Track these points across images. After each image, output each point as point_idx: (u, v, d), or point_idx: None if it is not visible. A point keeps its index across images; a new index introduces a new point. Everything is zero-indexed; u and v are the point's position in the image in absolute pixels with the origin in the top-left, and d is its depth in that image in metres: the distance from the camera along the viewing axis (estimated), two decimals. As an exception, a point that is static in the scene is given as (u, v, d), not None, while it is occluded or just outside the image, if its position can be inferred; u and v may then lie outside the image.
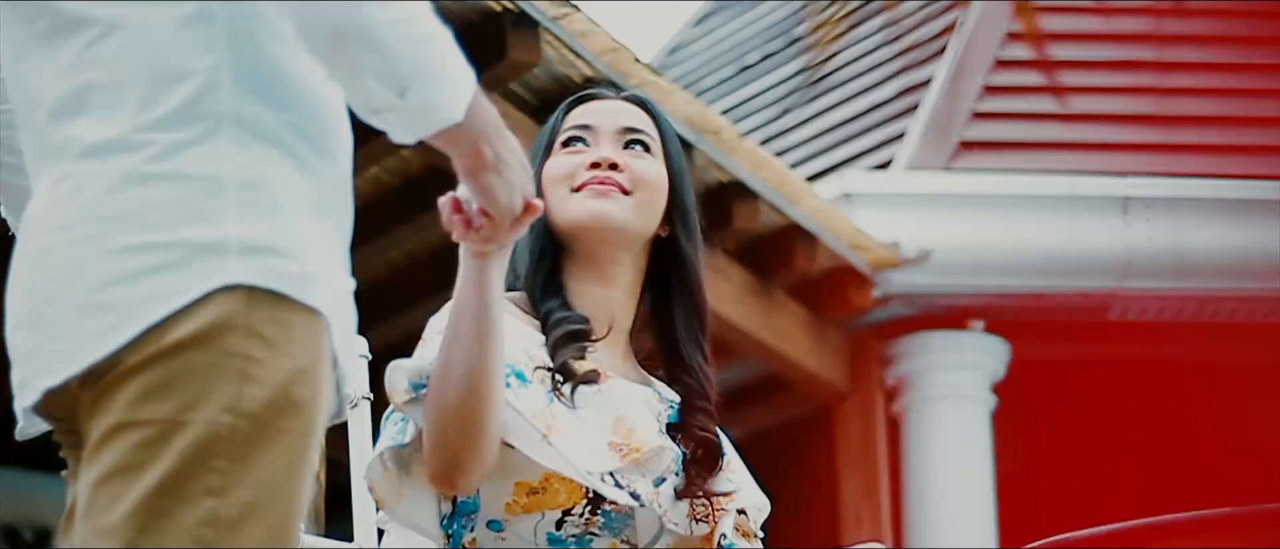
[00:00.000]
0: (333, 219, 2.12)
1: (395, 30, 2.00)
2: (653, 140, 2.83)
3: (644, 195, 2.78)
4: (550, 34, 5.65)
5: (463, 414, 2.54)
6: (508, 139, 2.22)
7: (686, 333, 2.83)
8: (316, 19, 2.00)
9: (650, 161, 2.81)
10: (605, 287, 2.79)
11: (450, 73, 2.07)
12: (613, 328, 2.78)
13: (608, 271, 2.79)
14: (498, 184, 2.24)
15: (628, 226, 2.76)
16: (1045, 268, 7.36)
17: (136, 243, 1.99)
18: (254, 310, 1.99)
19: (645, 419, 2.72)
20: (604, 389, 2.71)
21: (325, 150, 2.12)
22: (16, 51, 2.15)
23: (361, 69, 2.02)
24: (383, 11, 2.00)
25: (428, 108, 2.06)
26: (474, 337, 2.52)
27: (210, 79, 2.03)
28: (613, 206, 2.75)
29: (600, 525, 2.67)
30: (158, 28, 2.04)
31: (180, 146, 2.01)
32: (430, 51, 2.04)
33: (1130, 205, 7.34)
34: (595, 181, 2.76)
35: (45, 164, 2.11)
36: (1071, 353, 8.00)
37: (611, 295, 2.79)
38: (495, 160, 2.20)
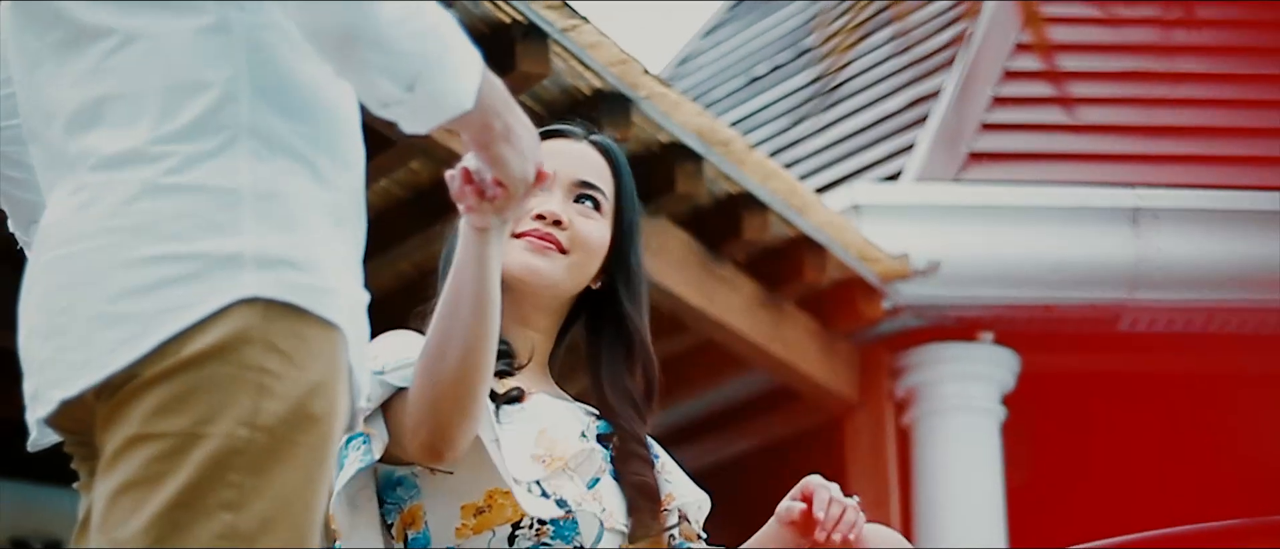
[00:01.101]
0: (347, 230, 2.12)
1: (401, 28, 2.01)
2: (605, 197, 2.88)
3: (579, 257, 2.83)
4: (559, 46, 5.65)
5: (459, 390, 2.55)
6: (516, 109, 2.23)
7: (612, 382, 2.89)
8: (324, 21, 2.01)
9: (595, 222, 2.86)
10: (522, 327, 2.86)
11: (457, 62, 2.08)
12: (526, 359, 2.85)
13: (527, 314, 2.85)
14: (510, 153, 2.25)
15: (556, 285, 2.83)
16: (1055, 279, 7.36)
17: (154, 254, 1.99)
18: (271, 324, 1.99)
19: (569, 428, 2.78)
20: (527, 406, 2.77)
21: (341, 161, 2.12)
22: (30, 62, 2.15)
23: (370, 67, 2.02)
24: (389, 11, 2.00)
25: (437, 98, 2.07)
26: (473, 311, 2.53)
27: (228, 91, 2.03)
28: (545, 265, 2.81)
29: (552, 534, 2.69)
30: (176, 39, 2.04)
31: (198, 158, 2.01)
32: (436, 44, 2.05)
33: (1139, 216, 7.33)
34: (536, 235, 2.82)
35: (60, 175, 2.10)
36: (1081, 364, 8.00)
37: (527, 334, 2.86)
38: (506, 130, 2.21)
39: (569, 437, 2.77)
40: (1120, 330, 7.59)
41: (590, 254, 2.85)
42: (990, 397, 7.53)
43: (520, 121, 2.24)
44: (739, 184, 6.42)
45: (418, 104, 2.06)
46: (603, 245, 2.86)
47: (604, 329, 2.91)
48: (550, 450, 2.73)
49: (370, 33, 2.00)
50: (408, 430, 2.60)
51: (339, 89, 2.14)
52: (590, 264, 2.85)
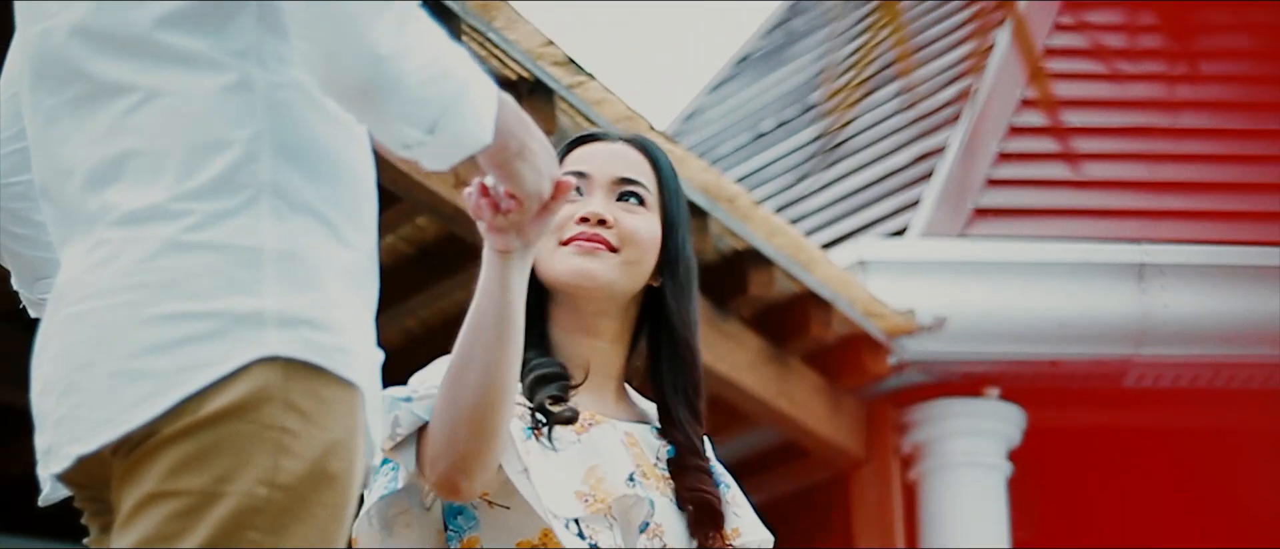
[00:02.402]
0: (365, 291, 2.12)
1: (420, 76, 2.02)
2: (648, 191, 2.80)
3: (631, 252, 2.75)
4: (565, 102, 5.66)
5: (476, 416, 2.52)
6: (531, 126, 2.24)
7: (673, 387, 2.81)
8: (343, 75, 2.01)
9: (642, 216, 2.78)
10: (589, 337, 2.78)
11: (475, 99, 2.09)
12: (595, 374, 2.77)
13: (591, 323, 2.77)
14: (524, 168, 2.26)
15: (612, 285, 2.74)
16: (1061, 335, 7.35)
17: (175, 312, 1.99)
18: (291, 382, 1.99)
19: (621, 466, 2.69)
20: (585, 437, 2.69)
21: (359, 221, 2.12)
22: (45, 119, 2.15)
23: (389, 116, 2.03)
24: (407, 62, 2.01)
25: (458, 137, 2.08)
26: (494, 336, 2.50)
27: (249, 149, 2.04)
28: (597, 265, 2.73)
29: None
30: (197, 97, 2.05)
31: (219, 216, 2.01)
32: (454, 85, 2.06)
33: (1146, 272, 7.33)
34: (582, 238, 2.74)
35: (77, 232, 2.10)
36: (1087, 420, 7.99)
37: (595, 345, 2.78)
38: (521, 148, 2.23)
39: (617, 479, 2.67)
40: (1126, 386, 7.58)
41: (642, 248, 2.76)
42: (996, 452, 7.52)
43: (536, 139, 2.26)
44: (745, 240, 6.43)
45: (439, 144, 2.07)
46: (653, 238, 2.77)
47: (661, 331, 2.82)
48: (594, 490, 2.65)
49: (389, 85, 2.01)
50: (428, 462, 2.57)
51: (358, 149, 2.14)
52: (645, 259, 2.77)
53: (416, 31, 2.03)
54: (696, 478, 2.76)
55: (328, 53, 2.01)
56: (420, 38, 2.03)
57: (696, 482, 2.75)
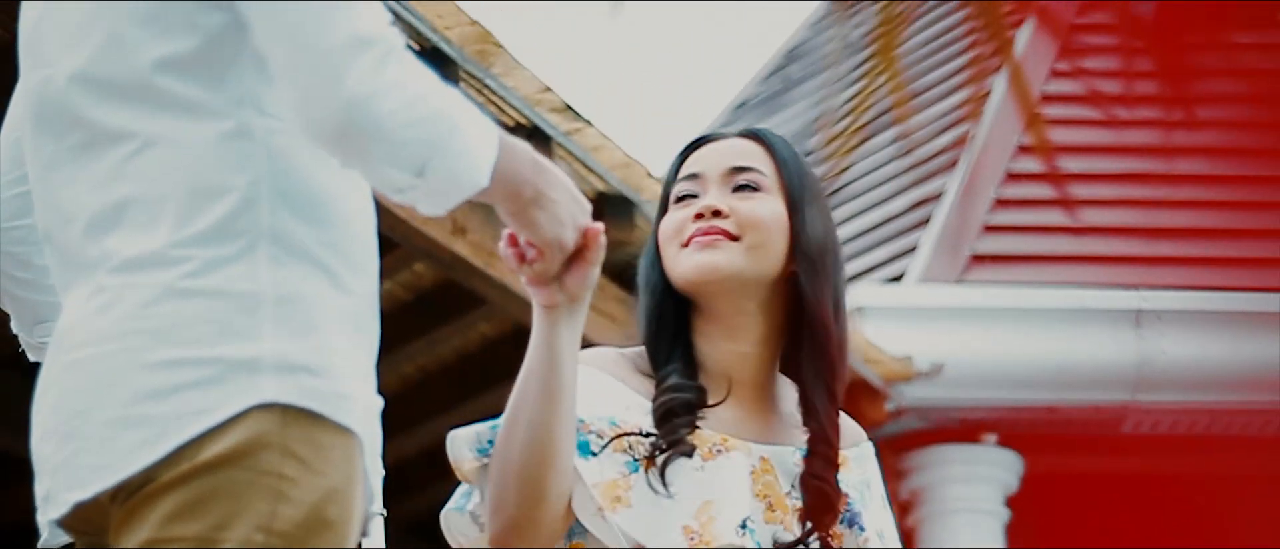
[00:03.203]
0: (364, 336, 2.12)
1: (402, 116, 1.99)
2: (765, 177, 2.67)
3: (754, 236, 2.62)
4: (563, 148, 5.67)
5: (523, 478, 2.47)
6: (548, 172, 2.20)
7: (812, 372, 2.65)
8: (321, 117, 1.99)
9: (761, 200, 2.65)
10: (732, 341, 2.65)
11: (468, 141, 2.05)
12: (740, 386, 2.66)
13: (732, 323, 2.65)
14: (541, 217, 2.22)
15: (740, 273, 2.62)
16: (1058, 381, 7.35)
17: (173, 358, 1.99)
18: (289, 429, 1.99)
19: (736, 510, 2.56)
20: (710, 465, 2.58)
21: (358, 267, 2.12)
22: (45, 165, 2.16)
23: (373, 159, 2.01)
24: (385, 104, 1.98)
25: (450, 180, 2.05)
26: (540, 397, 2.45)
27: (248, 195, 2.04)
28: (718, 256, 2.61)
29: None
30: (196, 143, 2.05)
31: (218, 262, 2.02)
32: (443, 126, 2.02)
33: (1143, 318, 7.33)
34: (699, 233, 2.62)
35: (77, 277, 2.11)
36: (1085, 466, 7.99)
37: (739, 349, 2.66)
38: (536, 195, 2.19)
39: (728, 525, 2.54)
40: (1124, 432, 7.59)
41: (765, 232, 2.63)
42: (994, 499, 7.51)
43: (554, 185, 2.21)
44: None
45: (431, 187, 2.04)
46: (776, 220, 2.64)
47: (800, 320, 2.66)
48: (704, 529, 2.53)
49: (369, 126, 1.98)
50: (487, 514, 2.52)
51: (358, 195, 2.14)
52: (770, 242, 2.63)
53: (398, 72, 2.00)
54: (818, 465, 2.62)
55: (304, 95, 1.99)
56: (402, 78, 2.00)
57: (817, 469, 2.62)
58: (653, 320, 2.67)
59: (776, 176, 2.69)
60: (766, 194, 2.66)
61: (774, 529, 2.59)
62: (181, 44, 2.06)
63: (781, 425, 2.68)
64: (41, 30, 2.18)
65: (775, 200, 2.66)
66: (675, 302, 2.67)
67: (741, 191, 2.66)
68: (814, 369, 2.66)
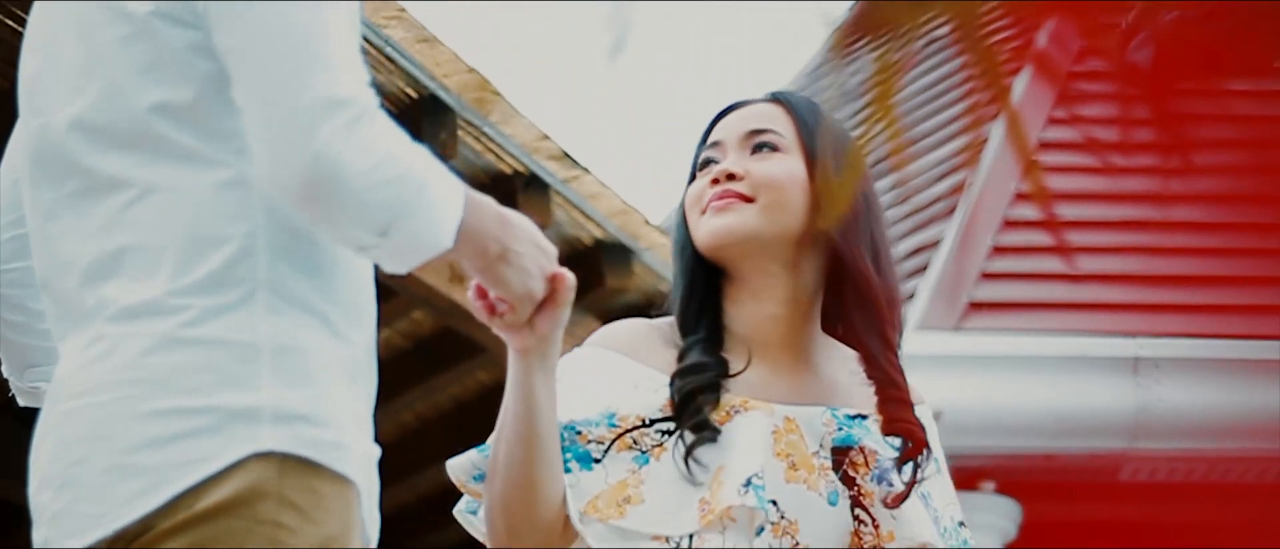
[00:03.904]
0: (361, 386, 2.13)
1: (370, 178, 1.99)
2: (783, 137, 2.66)
3: (769, 197, 2.61)
4: (561, 196, 5.68)
5: (506, 514, 2.49)
6: (514, 226, 2.21)
7: (864, 324, 2.63)
8: (285, 176, 1.99)
9: (777, 160, 2.64)
10: (758, 303, 2.64)
11: (431, 202, 2.05)
12: (767, 348, 2.64)
13: (757, 285, 2.64)
14: (508, 272, 2.22)
15: (756, 234, 2.61)
16: (1056, 428, 7.35)
17: (170, 407, 1.99)
18: (286, 478, 1.99)
19: (744, 467, 2.53)
20: (726, 428, 2.57)
21: (356, 317, 2.12)
22: (44, 214, 2.16)
23: (337, 218, 2.01)
24: (352, 167, 1.98)
25: (414, 241, 2.05)
26: (516, 443, 2.47)
27: (246, 245, 2.04)
28: (732, 219, 2.61)
29: None
30: (194, 192, 2.05)
31: (216, 311, 2.02)
32: (409, 187, 2.02)
33: (1140, 365, 7.33)
34: (715, 198, 2.63)
35: (74, 326, 2.11)
36: (1083, 514, 7.97)
37: (766, 311, 2.64)
38: (502, 252, 2.19)
39: (733, 484, 2.51)
40: (1122, 480, 7.58)
41: (781, 191, 2.61)
42: (993, 546, 7.50)
43: (518, 238, 2.22)
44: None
45: (394, 247, 2.04)
46: (793, 179, 2.62)
47: (841, 275, 2.64)
48: (713, 498, 2.52)
49: (335, 186, 1.98)
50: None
51: None
52: (787, 200, 2.61)
53: (369, 134, 2.00)
54: (896, 409, 2.60)
55: (273, 150, 1.99)
56: (372, 140, 2.00)
57: (896, 413, 2.60)
58: (682, 288, 2.68)
59: (795, 136, 2.68)
60: (784, 154, 2.66)
61: (796, 489, 2.56)
62: (179, 93, 2.07)
63: (817, 387, 2.66)
64: (41, 78, 2.18)
65: (793, 159, 2.66)
66: (705, 269, 2.67)
67: (759, 153, 2.67)
68: (864, 321, 2.64)
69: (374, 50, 5.17)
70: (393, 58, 5.22)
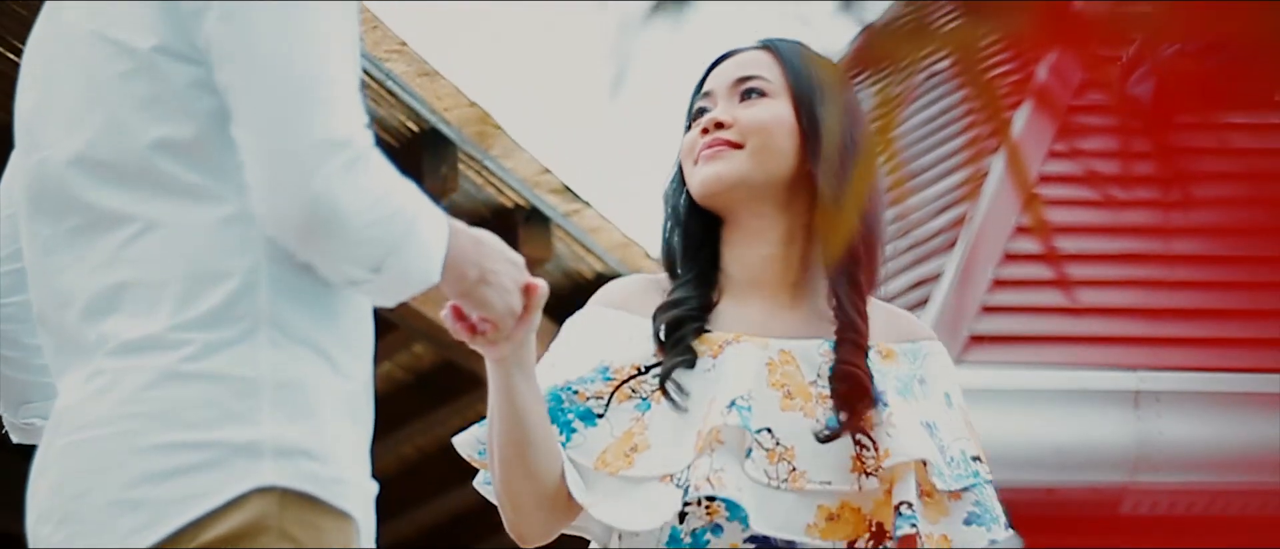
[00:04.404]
0: (360, 421, 2.13)
1: (366, 216, 2.01)
2: (770, 82, 2.72)
3: (757, 141, 2.67)
4: (561, 230, 5.69)
5: (510, 501, 2.58)
6: (485, 245, 2.23)
7: (835, 269, 2.66)
8: (284, 212, 2.01)
9: (765, 105, 2.70)
10: (754, 245, 2.70)
11: (423, 238, 2.08)
12: (763, 286, 2.69)
13: (752, 228, 2.69)
14: (490, 293, 2.25)
15: (745, 179, 2.67)
16: (1057, 462, 7.33)
17: (172, 442, 1.99)
18: (287, 513, 1.99)
19: (729, 391, 2.56)
20: (718, 362, 2.62)
21: (355, 352, 2.13)
22: (42, 249, 2.16)
23: (332, 255, 2.03)
24: (349, 208, 2.00)
25: (404, 276, 2.07)
26: (507, 444, 2.53)
27: (247, 280, 2.05)
28: (721, 167, 2.67)
29: (726, 516, 2.57)
30: (196, 228, 2.06)
31: (217, 346, 2.02)
32: (402, 225, 2.04)
33: (1141, 399, 7.32)
34: (703, 148, 2.69)
35: (74, 361, 2.11)
36: (1084, 547, 7.95)
37: (763, 252, 2.69)
38: (480, 274, 2.22)
39: (719, 407, 2.55)
40: (1123, 513, 7.56)
41: (769, 135, 2.67)
42: (994, 580, 7.48)
43: (493, 257, 2.24)
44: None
45: (385, 282, 2.07)
46: (780, 123, 2.68)
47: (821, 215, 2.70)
48: (704, 425, 2.56)
49: (332, 225, 2.00)
50: None
51: None
52: (775, 144, 2.67)
53: (366, 175, 2.02)
54: (846, 351, 2.62)
55: (271, 188, 2.00)
56: (369, 181, 2.02)
57: (845, 354, 2.62)
58: (672, 239, 2.74)
59: (783, 80, 2.73)
60: (772, 99, 2.72)
61: (792, 417, 2.59)
62: (181, 129, 2.07)
63: (815, 322, 2.69)
64: (40, 112, 2.18)
65: (780, 103, 2.71)
66: (701, 216, 2.72)
67: (748, 100, 2.72)
68: (841, 259, 2.66)
69: (375, 84, 5.18)
70: (394, 91, 5.23)
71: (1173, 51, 2.13)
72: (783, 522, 2.55)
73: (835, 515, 2.57)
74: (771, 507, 2.55)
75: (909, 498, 2.56)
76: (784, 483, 2.55)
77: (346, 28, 2.07)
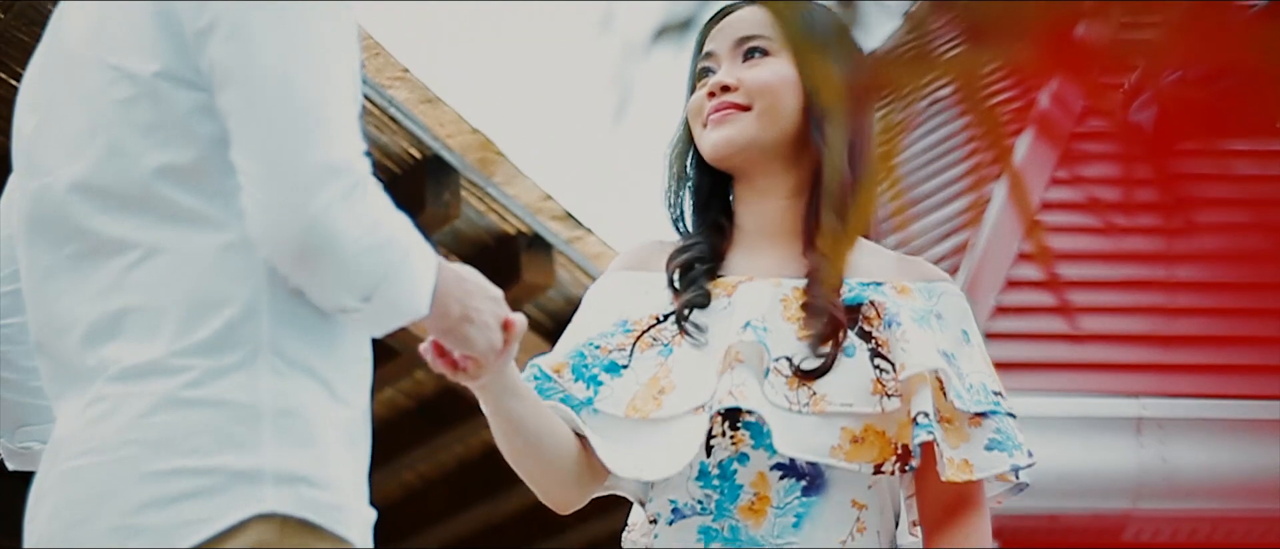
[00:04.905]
0: (358, 449, 2.13)
1: (360, 244, 2.02)
2: (770, 40, 2.78)
3: (763, 103, 2.73)
4: (564, 257, 5.69)
5: (534, 487, 2.69)
6: (467, 282, 2.24)
7: (823, 212, 2.72)
8: (280, 236, 2.01)
9: (768, 65, 2.76)
10: (766, 198, 2.77)
11: (413, 269, 2.09)
12: (776, 235, 2.75)
13: (763, 185, 2.77)
14: (471, 331, 2.28)
15: (755, 141, 2.74)
16: (1059, 489, 7.33)
17: (172, 468, 1.99)
18: (287, 539, 1.99)
19: (742, 316, 2.64)
20: (734, 298, 2.69)
21: (354, 380, 2.13)
22: (41, 275, 2.16)
23: (326, 281, 2.03)
24: (346, 234, 2.01)
25: (394, 307, 2.09)
26: (513, 453, 2.63)
27: (248, 307, 2.05)
28: (731, 131, 2.73)
29: (751, 444, 2.63)
30: (198, 254, 2.06)
31: (218, 373, 2.02)
32: (394, 255, 2.06)
33: (1144, 426, 7.32)
34: (711, 111, 2.76)
35: (73, 386, 2.11)
36: (1087, 574, 7.94)
37: (775, 204, 2.76)
38: (463, 313, 2.24)
39: (733, 328, 2.64)
40: (1125, 541, 7.56)
41: (775, 95, 2.73)
42: (996, 607, 7.48)
43: (474, 294, 2.26)
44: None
45: (374, 312, 2.08)
46: (784, 82, 2.74)
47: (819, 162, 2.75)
48: (724, 344, 2.63)
49: (328, 251, 2.01)
50: None
51: None
52: (781, 103, 2.73)
53: (362, 203, 2.02)
54: (815, 290, 2.67)
55: (268, 212, 2.01)
56: (365, 209, 2.02)
57: (815, 293, 2.67)
58: (678, 197, 2.82)
59: (783, 37, 2.77)
60: (774, 57, 2.78)
61: (809, 345, 2.63)
62: (182, 154, 2.07)
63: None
64: (40, 137, 2.18)
65: (782, 62, 2.77)
66: (711, 173, 2.80)
67: (751, 59, 2.78)
68: (827, 206, 2.71)
69: (378, 111, 5.18)
70: (396, 118, 5.23)
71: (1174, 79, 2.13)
72: (807, 443, 2.59)
73: (859, 438, 2.61)
74: (795, 429, 2.59)
75: (926, 408, 2.60)
76: (805, 407, 2.60)
77: (349, 54, 2.07)
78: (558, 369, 2.70)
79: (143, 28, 2.09)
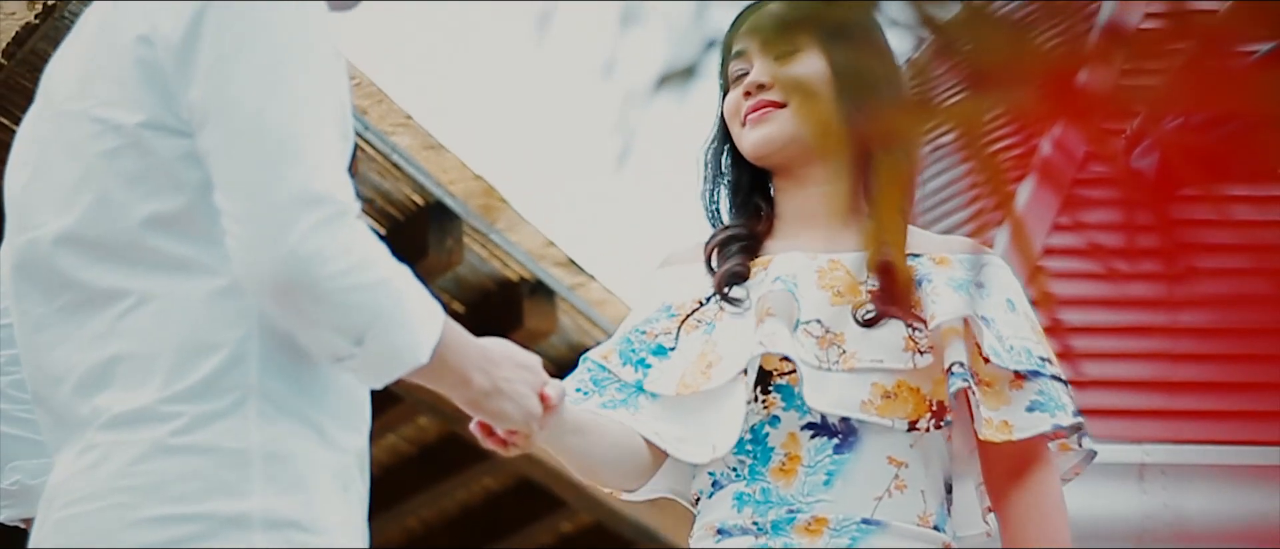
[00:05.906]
0: (352, 493, 2.12)
1: (343, 281, 1.98)
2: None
3: (799, 98, 2.79)
4: (567, 303, 5.69)
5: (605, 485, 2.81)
6: (494, 355, 2.22)
7: (868, 191, 2.80)
8: (258, 270, 1.99)
9: (800, 60, 2.81)
10: (806, 186, 2.83)
11: (409, 315, 2.05)
12: (814, 216, 2.81)
13: (803, 175, 2.83)
14: (507, 405, 2.25)
15: (794, 138, 2.80)
16: (1063, 535, 7.31)
17: (162, 515, 1.99)
18: None
19: (775, 272, 2.73)
20: (772, 268, 2.75)
21: (347, 424, 2.12)
22: (33, 326, 2.16)
23: (313, 321, 2.01)
24: (327, 264, 1.98)
25: (390, 353, 2.04)
26: (584, 471, 2.73)
27: (238, 352, 2.04)
28: (770, 129, 2.81)
29: (782, 406, 2.69)
30: (188, 300, 2.05)
31: (207, 418, 2.02)
32: (387, 297, 2.02)
33: (1146, 472, 7.32)
34: (748, 111, 2.82)
35: (68, 436, 2.11)
36: (1090, 621, 7.92)
37: (816, 190, 2.83)
38: (493, 387, 2.22)
39: (765, 283, 2.74)
40: (1129, 587, 7.54)
41: (810, 91, 2.77)
42: (1000, 653, 7.45)
43: (504, 364, 2.24)
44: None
45: (370, 358, 2.03)
46: (818, 75, 2.79)
47: None
48: (764, 305, 2.71)
49: (308, 284, 1.97)
50: None
51: None
52: (817, 98, 2.74)
53: (346, 236, 1.99)
54: (880, 249, 2.67)
55: (246, 245, 1.99)
56: (349, 243, 1.99)
57: (878, 251, 2.67)
58: (716, 193, 2.88)
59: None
60: (806, 52, 2.81)
61: (841, 310, 2.70)
62: (170, 202, 2.06)
63: (865, 238, 2.80)
64: (30, 191, 2.18)
65: (812, 57, 2.80)
66: (749, 168, 2.86)
67: (784, 58, 2.83)
68: (871, 185, 2.77)
69: (381, 157, 5.19)
70: (399, 165, 5.24)
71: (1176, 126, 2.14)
72: (837, 399, 2.65)
73: (891, 393, 2.67)
74: (825, 384, 2.65)
75: (960, 358, 2.65)
76: (835, 364, 2.66)
77: (330, 92, 2.06)
78: (606, 356, 2.79)
79: (126, 79, 2.09)
